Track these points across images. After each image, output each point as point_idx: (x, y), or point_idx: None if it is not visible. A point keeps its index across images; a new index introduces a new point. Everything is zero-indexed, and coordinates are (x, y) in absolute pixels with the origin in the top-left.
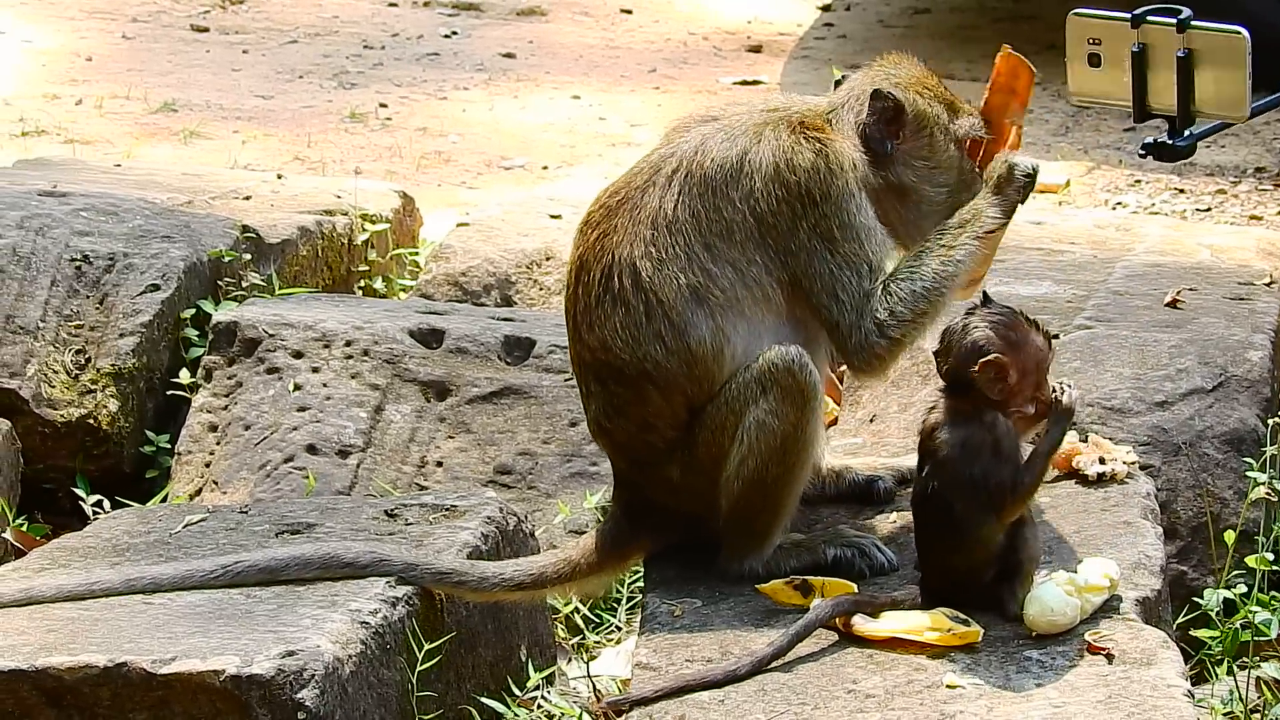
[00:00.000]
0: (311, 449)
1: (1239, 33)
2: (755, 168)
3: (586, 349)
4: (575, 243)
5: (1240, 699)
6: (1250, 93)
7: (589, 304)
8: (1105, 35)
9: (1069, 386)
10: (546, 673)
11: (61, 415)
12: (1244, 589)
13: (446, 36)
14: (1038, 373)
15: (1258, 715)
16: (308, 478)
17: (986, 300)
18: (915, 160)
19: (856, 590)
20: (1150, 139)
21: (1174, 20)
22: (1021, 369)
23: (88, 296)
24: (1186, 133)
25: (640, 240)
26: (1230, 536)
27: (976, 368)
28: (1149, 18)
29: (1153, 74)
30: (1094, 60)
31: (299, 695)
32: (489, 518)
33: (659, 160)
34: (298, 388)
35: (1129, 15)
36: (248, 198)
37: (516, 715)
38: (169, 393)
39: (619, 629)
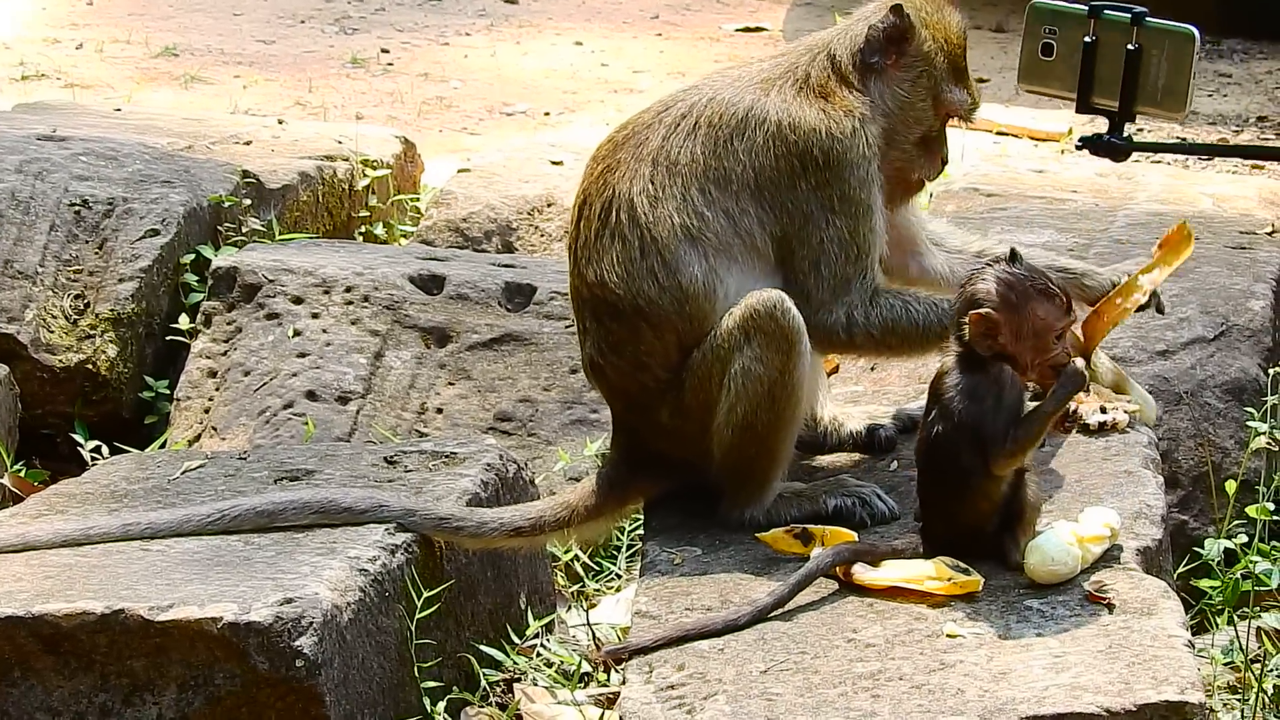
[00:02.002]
0: (311, 395)
1: (1190, 32)
2: (759, 121)
3: (585, 284)
4: (583, 177)
5: (1241, 649)
6: (1192, 94)
7: (589, 238)
8: (1062, 25)
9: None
10: (546, 620)
11: (60, 360)
12: (1245, 539)
13: None
14: (1037, 339)
15: (1258, 665)
16: (307, 424)
17: (1014, 257)
18: (893, 88)
19: (857, 539)
20: (1091, 134)
21: (1128, 15)
22: (1015, 331)
23: (87, 241)
24: (1126, 134)
25: (640, 177)
26: (1231, 486)
27: (967, 319)
28: (1106, 10)
29: (1100, 68)
30: (1047, 50)
31: (297, 643)
32: (489, 465)
33: (670, 101)
34: (297, 334)
35: (1087, 6)
36: (248, 143)
37: (516, 663)
38: (168, 338)
39: (619, 577)
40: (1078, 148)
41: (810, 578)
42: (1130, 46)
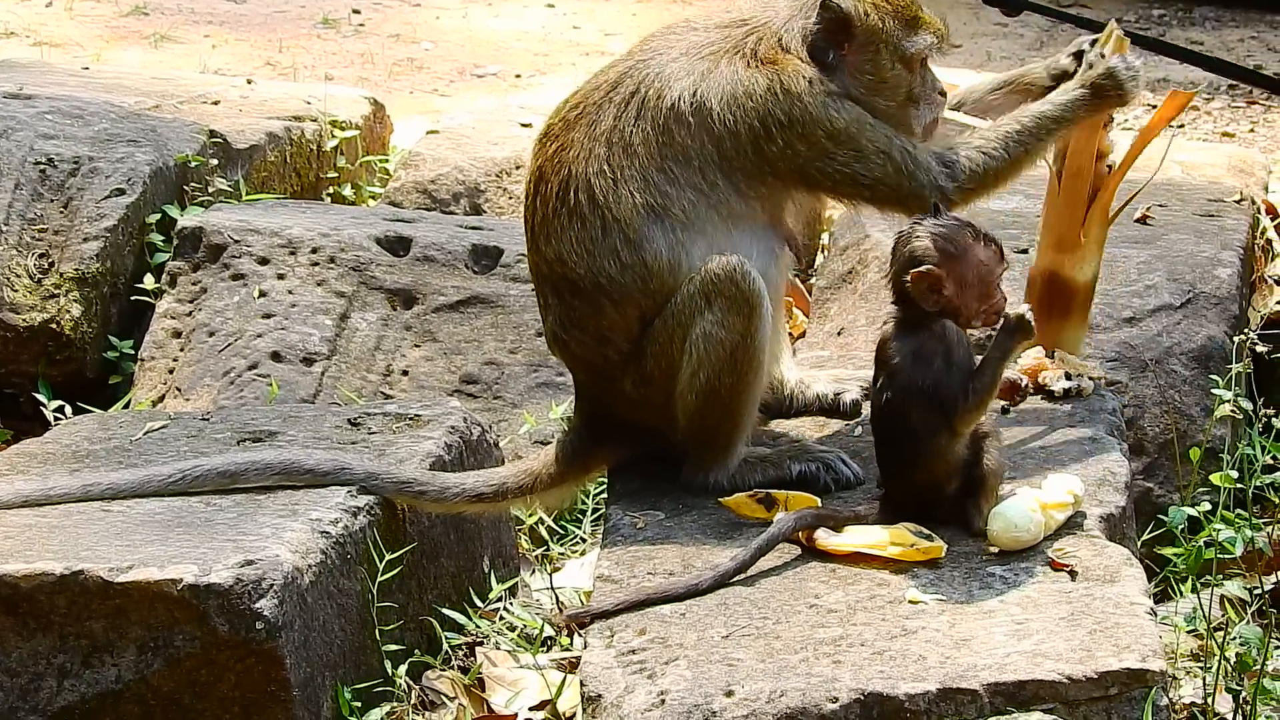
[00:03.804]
0: (276, 356)
1: None
2: (711, 96)
3: (544, 261)
4: (534, 154)
5: (1204, 616)
6: None
7: (546, 215)
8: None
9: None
10: (509, 584)
11: (24, 320)
12: (1209, 506)
13: None
14: (981, 285)
15: (1221, 633)
16: (271, 385)
17: (937, 210)
18: (860, 74)
19: (820, 504)
20: None
21: None
22: (960, 281)
23: (52, 200)
24: None
25: (595, 158)
26: (1196, 454)
27: (909, 278)
28: None
29: None
30: None
31: (257, 605)
32: (453, 427)
33: (618, 78)
34: (263, 294)
35: None
36: (216, 103)
37: (478, 626)
38: (133, 298)
39: (584, 541)
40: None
41: (772, 543)
42: None
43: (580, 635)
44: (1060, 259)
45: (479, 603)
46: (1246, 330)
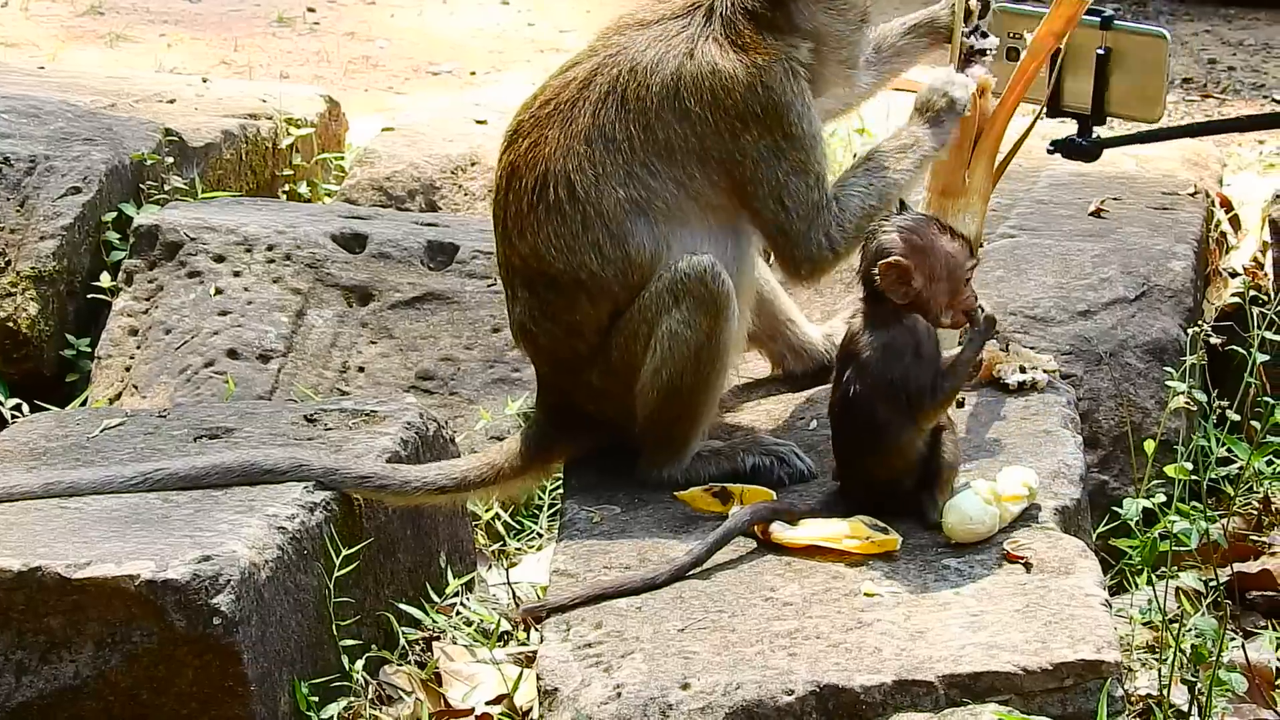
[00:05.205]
0: (232, 353)
1: (1161, 35)
2: (689, 91)
3: (516, 255)
4: (504, 149)
5: (1159, 609)
6: (1166, 96)
7: (520, 210)
8: (1028, 30)
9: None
10: (466, 579)
11: None
12: (1164, 499)
13: None
14: (950, 280)
15: (1176, 625)
16: (228, 382)
17: (903, 207)
18: (823, 4)
19: (775, 498)
20: (1063, 138)
21: (1098, 19)
22: (929, 274)
23: (8, 199)
24: (1095, 134)
25: (574, 155)
26: (1150, 446)
27: (878, 270)
28: None
29: (1070, 72)
30: (1012, 54)
31: (214, 600)
32: (409, 423)
33: (589, 74)
34: (219, 292)
35: None
36: (172, 101)
37: (435, 621)
38: (89, 296)
39: (540, 536)
40: (1049, 151)
41: (728, 536)
42: (1100, 50)
43: (537, 629)
44: (944, 206)
45: (436, 598)
46: (1201, 323)
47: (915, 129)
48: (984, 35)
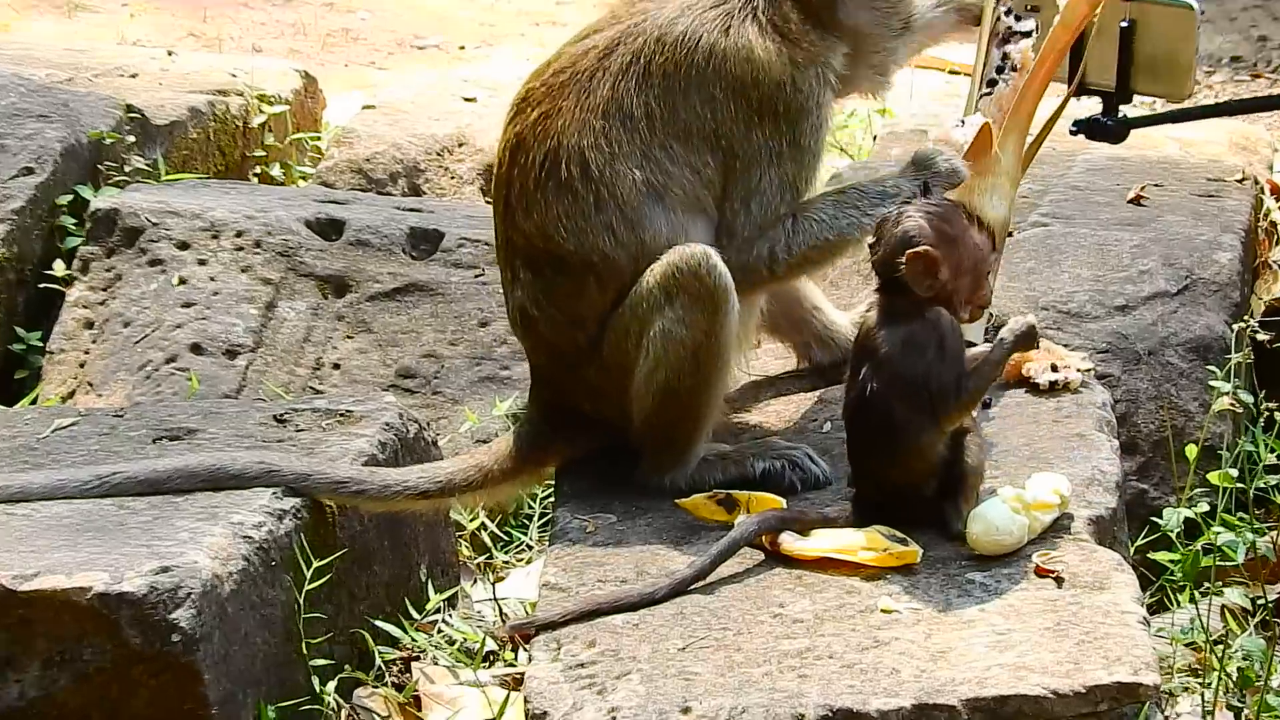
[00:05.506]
0: (196, 349)
1: (1189, 7)
2: (719, 74)
3: (520, 233)
4: (510, 119)
5: (1202, 627)
6: (1195, 72)
7: (526, 187)
8: (1048, 4)
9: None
10: (448, 594)
11: None
12: (1207, 508)
13: None
14: (975, 273)
15: (1221, 645)
16: (191, 380)
17: (927, 190)
18: (867, 6)
19: (785, 505)
20: (1085, 117)
21: None
22: (955, 266)
23: None
24: (1121, 113)
25: (590, 130)
26: (1193, 451)
27: (903, 259)
28: None
29: (1094, 47)
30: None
31: (173, 615)
32: (387, 424)
33: (610, 43)
34: (183, 282)
35: None
36: (134, 75)
37: (414, 640)
38: (41, 286)
39: (530, 548)
40: (1072, 132)
41: (734, 548)
42: (1124, 23)
43: (525, 649)
44: (971, 186)
45: (415, 614)
46: (1248, 318)
47: (903, 181)
48: (1019, 17)
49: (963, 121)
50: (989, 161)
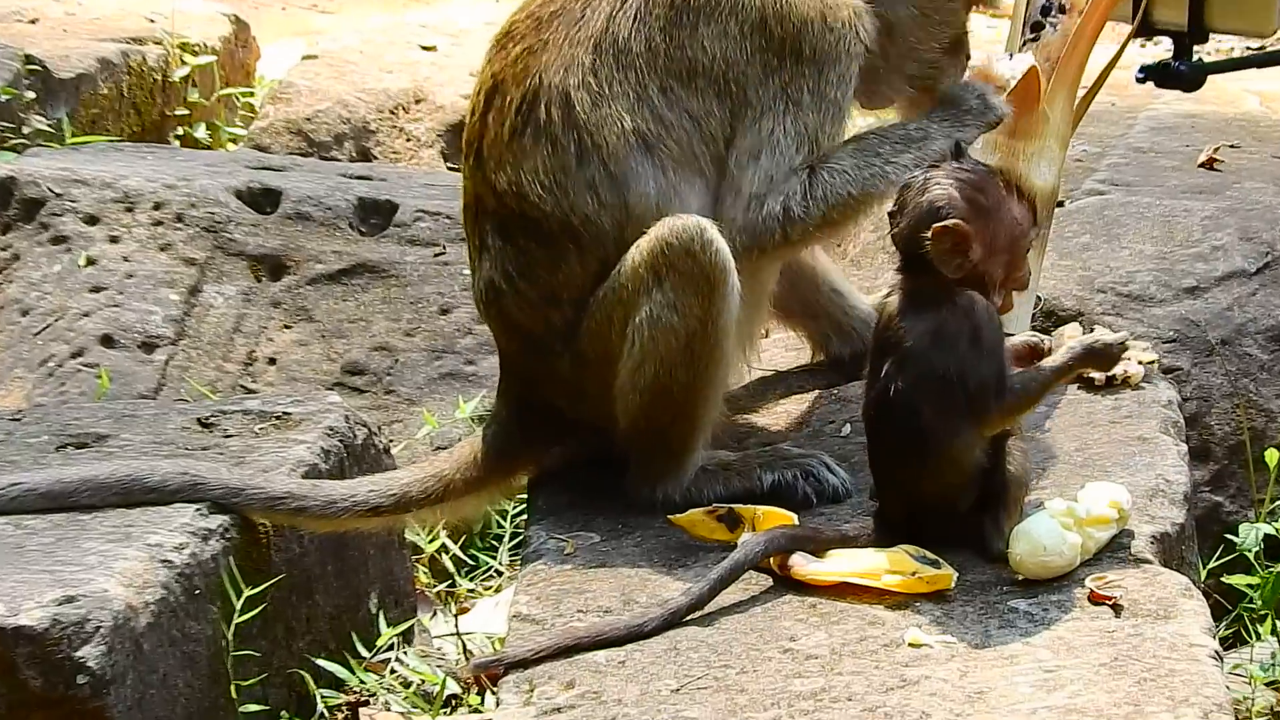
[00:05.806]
0: (107, 341)
1: None
2: (737, 3)
3: (491, 191)
4: (488, 57)
5: None
6: None
7: (501, 135)
8: None
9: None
10: (403, 628)
11: None
12: None
13: None
14: (1011, 251)
15: None
16: (101, 377)
17: (959, 153)
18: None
19: (797, 522)
20: (1154, 62)
21: None
22: (989, 244)
23: None
24: (1196, 57)
25: (577, 66)
26: (1274, 457)
27: (930, 234)
28: None
29: None
30: None
31: (79, 653)
32: (331, 428)
33: None
34: (91, 262)
35: None
36: (34, 21)
37: (363, 682)
38: None
39: (498, 574)
40: (1138, 79)
41: (737, 571)
42: None
43: (492, 691)
44: (1014, 151)
45: (364, 652)
46: None
47: (930, 123)
48: None
49: (1010, 54)
50: (1034, 119)
